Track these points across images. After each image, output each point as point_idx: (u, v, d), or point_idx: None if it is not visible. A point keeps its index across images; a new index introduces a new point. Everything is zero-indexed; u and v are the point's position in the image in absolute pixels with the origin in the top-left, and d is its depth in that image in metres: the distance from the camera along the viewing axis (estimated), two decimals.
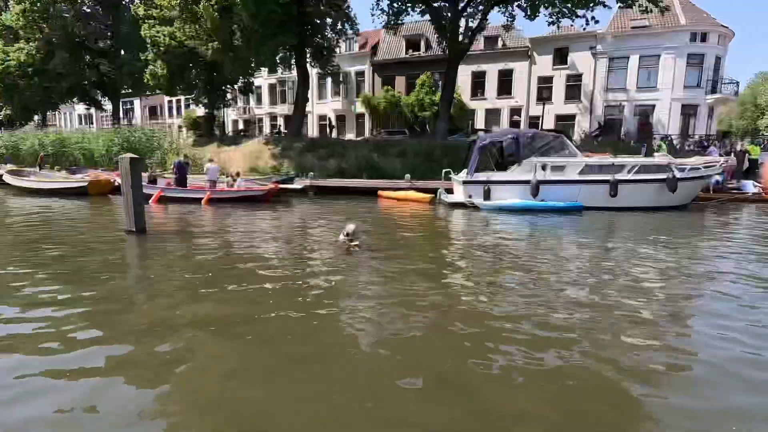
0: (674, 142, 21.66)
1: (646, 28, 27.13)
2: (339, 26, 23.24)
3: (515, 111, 30.30)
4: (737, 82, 27.97)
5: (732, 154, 16.38)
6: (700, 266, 5.86)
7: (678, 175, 11.23)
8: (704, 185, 12.80)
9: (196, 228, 9.26)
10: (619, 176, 11.34)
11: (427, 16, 22.21)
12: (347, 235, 6.75)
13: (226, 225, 9.70)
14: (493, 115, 30.82)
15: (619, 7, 19.97)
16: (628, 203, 11.39)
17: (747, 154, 16.94)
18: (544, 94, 22.15)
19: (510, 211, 11.23)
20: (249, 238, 7.91)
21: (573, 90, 29.07)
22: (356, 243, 6.55)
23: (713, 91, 26.73)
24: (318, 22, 21.11)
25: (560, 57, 28.95)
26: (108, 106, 34.54)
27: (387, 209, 12.32)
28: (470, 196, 12.14)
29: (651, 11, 19.75)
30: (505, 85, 30.30)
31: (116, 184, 14.49)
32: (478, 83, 30.94)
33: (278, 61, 21.13)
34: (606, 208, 11.42)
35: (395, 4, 21.75)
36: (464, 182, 12.18)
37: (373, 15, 23.01)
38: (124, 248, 7.15)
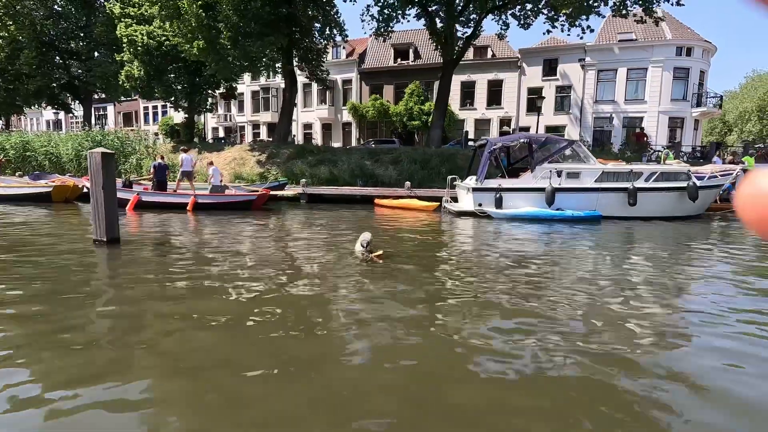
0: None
1: (633, 42, 27.39)
2: (327, 31, 22.48)
3: (505, 121, 30.00)
4: (721, 96, 28.47)
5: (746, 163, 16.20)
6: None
7: (699, 183, 10.66)
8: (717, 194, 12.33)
9: (179, 238, 8.02)
10: (638, 184, 10.68)
11: (418, 24, 21.78)
12: (366, 245, 5.71)
13: (213, 235, 8.49)
14: (482, 125, 30.44)
15: (613, 15, 19.85)
16: (647, 212, 10.73)
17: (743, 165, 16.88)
18: (537, 104, 21.70)
19: (524, 221, 10.39)
20: (240, 252, 6.75)
21: (563, 101, 29.02)
22: (380, 254, 5.49)
23: (698, 104, 27.07)
24: (305, 23, 20.18)
25: (550, 68, 28.90)
26: (79, 111, 32.57)
27: (388, 218, 11.30)
28: (480, 205, 11.25)
29: (645, 21, 19.76)
30: (494, 96, 30.02)
31: (85, 190, 13.05)
32: (467, 93, 30.57)
33: (265, 64, 20.04)
34: (624, 217, 10.74)
35: (385, 11, 21.15)
36: (473, 189, 11.28)
37: (363, 21, 22.15)
38: (91, 262, 5.89)
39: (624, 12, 19.04)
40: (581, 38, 20.21)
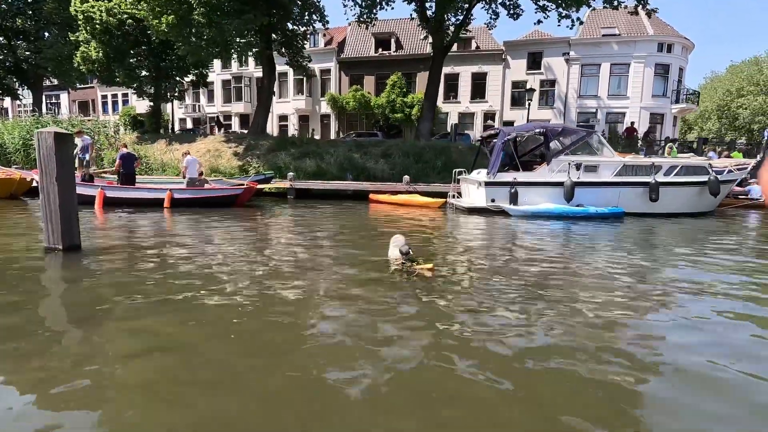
0: (655, 147, 21.44)
1: (616, 37, 27.31)
2: (306, 17, 20.98)
3: (489, 115, 29.36)
4: (698, 93, 28.91)
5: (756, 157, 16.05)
6: None
7: (720, 177, 10.11)
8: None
9: (154, 244, 6.57)
10: (658, 178, 10.00)
11: (400, 13, 20.79)
12: (406, 253, 4.55)
13: (195, 239, 7.09)
14: (466, 119, 29.69)
15: (604, 6, 19.38)
16: (669, 208, 10.08)
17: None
18: (528, 97, 21.07)
19: (545, 218, 9.48)
20: (231, 262, 5.43)
21: (547, 95, 28.67)
22: (430, 266, 4.32)
23: (677, 101, 27.34)
24: (287, 3, 18.60)
25: (534, 62, 28.45)
26: (28, 98, 29.46)
27: (391, 217, 10.17)
28: (493, 200, 10.28)
29: (637, 13, 19.52)
30: (478, 89, 29.30)
31: (34, 183, 11.20)
32: (451, 86, 29.68)
33: (242, 47, 18.35)
34: (646, 214, 10.04)
35: None
36: (486, 184, 10.28)
37: (345, 6, 20.82)
38: (42, 278, 4.47)
39: (615, 4, 18.60)
40: (571, 28, 19.70)
